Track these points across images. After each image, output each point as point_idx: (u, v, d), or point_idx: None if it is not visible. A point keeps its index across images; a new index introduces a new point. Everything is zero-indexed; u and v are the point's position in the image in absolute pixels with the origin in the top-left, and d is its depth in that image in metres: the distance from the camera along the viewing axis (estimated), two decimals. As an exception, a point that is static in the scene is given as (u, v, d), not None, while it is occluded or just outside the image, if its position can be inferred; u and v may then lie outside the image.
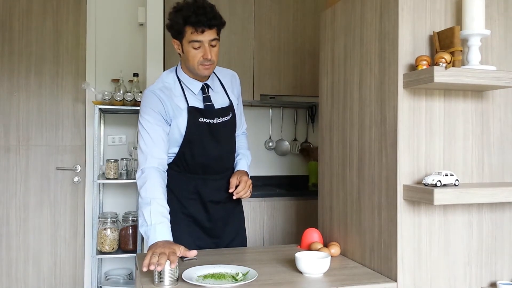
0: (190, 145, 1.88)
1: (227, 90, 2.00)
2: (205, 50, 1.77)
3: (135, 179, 1.79)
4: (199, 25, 1.73)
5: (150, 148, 1.78)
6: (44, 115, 3.33)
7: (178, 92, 1.88)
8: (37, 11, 3.31)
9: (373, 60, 1.63)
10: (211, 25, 1.75)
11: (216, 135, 1.92)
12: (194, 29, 1.74)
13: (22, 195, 3.28)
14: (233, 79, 2.07)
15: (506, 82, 1.43)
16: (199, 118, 1.87)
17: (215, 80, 1.99)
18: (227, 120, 1.95)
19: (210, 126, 1.90)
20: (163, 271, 1.38)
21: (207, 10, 1.75)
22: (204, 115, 1.88)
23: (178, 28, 1.78)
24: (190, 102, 1.87)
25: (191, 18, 1.72)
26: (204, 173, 1.95)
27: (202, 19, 1.72)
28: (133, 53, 3.47)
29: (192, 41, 1.76)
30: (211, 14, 1.75)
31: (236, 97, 2.05)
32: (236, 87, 2.07)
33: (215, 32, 1.79)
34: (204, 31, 1.75)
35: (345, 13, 1.83)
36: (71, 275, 3.36)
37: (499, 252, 1.61)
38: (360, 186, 1.70)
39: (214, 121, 1.90)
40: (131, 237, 3.07)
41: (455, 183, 1.41)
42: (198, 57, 1.79)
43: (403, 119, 1.48)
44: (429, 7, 1.52)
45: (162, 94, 1.85)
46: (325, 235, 1.97)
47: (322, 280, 1.48)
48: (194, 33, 1.75)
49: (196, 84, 1.90)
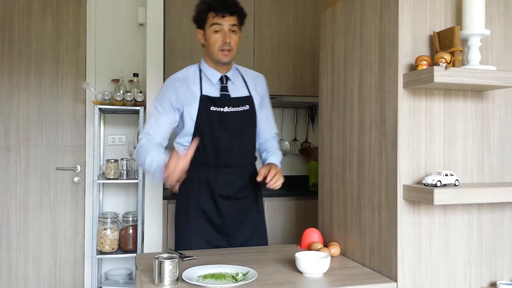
0: (200, 134, 1.94)
1: (249, 85, 2.07)
2: (224, 34, 1.91)
3: (135, 179, 1.83)
4: (220, 10, 1.90)
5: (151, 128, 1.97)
6: (44, 115, 3.33)
7: (196, 81, 1.99)
8: (37, 11, 3.32)
9: (373, 60, 1.63)
10: (231, 11, 1.91)
11: (226, 124, 1.95)
12: (215, 14, 1.90)
13: (22, 195, 3.28)
14: (258, 79, 2.14)
15: (506, 82, 1.43)
16: (210, 107, 1.94)
17: (237, 75, 2.07)
18: (243, 110, 1.99)
19: (220, 115, 1.95)
20: (163, 271, 1.38)
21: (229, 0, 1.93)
22: (216, 103, 1.95)
23: (202, 16, 1.95)
24: (205, 91, 1.97)
25: (213, 4, 1.91)
26: (215, 166, 1.96)
27: (223, 5, 1.90)
28: (133, 53, 3.47)
29: (213, 24, 1.91)
30: (233, 2, 1.93)
31: (260, 96, 2.09)
32: (260, 86, 2.11)
33: (235, 19, 1.93)
34: (224, 16, 1.90)
35: (345, 13, 1.83)
36: (71, 275, 3.36)
37: (499, 252, 1.61)
38: (360, 186, 1.70)
39: (224, 109, 1.95)
40: (131, 237, 3.07)
41: (455, 183, 1.41)
42: (218, 42, 1.92)
43: (403, 119, 1.48)
44: (429, 7, 1.52)
45: (178, 83, 1.98)
46: (325, 235, 1.97)
47: (322, 280, 1.48)
48: (215, 17, 1.91)
49: (216, 74, 2.00)
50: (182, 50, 3.12)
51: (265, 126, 2.14)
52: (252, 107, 2.03)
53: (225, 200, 1.98)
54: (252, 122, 2.04)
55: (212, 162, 1.96)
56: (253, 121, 2.04)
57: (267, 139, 2.15)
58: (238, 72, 2.08)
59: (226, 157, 1.97)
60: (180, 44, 3.12)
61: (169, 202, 2.97)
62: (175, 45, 3.11)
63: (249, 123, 2.03)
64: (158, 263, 1.39)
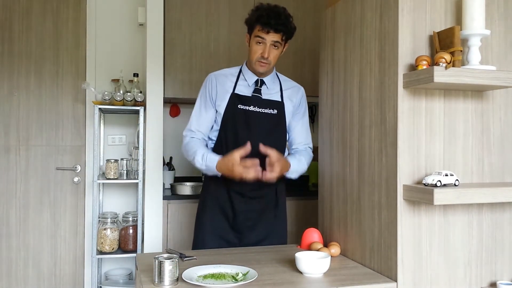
0: (225, 130, 2.02)
1: (284, 93, 2.10)
2: (264, 48, 1.96)
3: (135, 179, 1.82)
4: (267, 26, 1.92)
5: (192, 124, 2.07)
6: (44, 115, 3.33)
7: (233, 79, 2.07)
8: (37, 11, 3.31)
9: (373, 60, 1.63)
10: (277, 29, 1.93)
11: (249, 122, 1.99)
12: (262, 28, 1.93)
13: (22, 195, 3.28)
14: (295, 89, 2.16)
15: (506, 82, 1.43)
16: (238, 105, 2.01)
17: (275, 81, 2.12)
18: (270, 113, 2.02)
19: (246, 113, 1.99)
20: (163, 271, 1.38)
21: (281, 16, 1.94)
22: (244, 102, 2.01)
23: (250, 24, 1.99)
24: (237, 90, 2.04)
25: (263, 18, 1.92)
26: None
27: (271, 22, 1.91)
28: (133, 53, 3.47)
29: (257, 37, 1.96)
30: (281, 21, 1.93)
31: (293, 105, 2.11)
32: (296, 97, 2.13)
33: (279, 37, 1.95)
34: (269, 32, 1.93)
35: (345, 13, 1.83)
36: (71, 275, 3.36)
37: (499, 252, 1.61)
38: (360, 186, 1.70)
39: (250, 108, 2.00)
40: (131, 237, 3.07)
41: (455, 183, 1.41)
42: (257, 53, 1.97)
43: (403, 119, 1.48)
44: (429, 7, 1.52)
45: (215, 78, 2.07)
46: (325, 235, 1.97)
47: (322, 280, 1.48)
48: (260, 31, 1.94)
49: (253, 77, 2.06)
50: (182, 50, 3.12)
51: (299, 136, 2.14)
52: (281, 112, 2.05)
53: (239, 197, 2.01)
54: (278, 127, 2.05)
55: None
56: (280, 126, 2.06)
57: (298, 150, 2.13)
58: (277, 79, 2.13)
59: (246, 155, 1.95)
60: (180, 44, 3.12)
61: (169, 202, 2.97)
62: (175, 45, 3.11)
63: (275, 127, 2.04)
64: (158, 263, 1.39)
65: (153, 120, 3.02)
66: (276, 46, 1.97)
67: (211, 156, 1.94)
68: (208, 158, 1.94)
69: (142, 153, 3.06)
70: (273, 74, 2.11)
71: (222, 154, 1.97)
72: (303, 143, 2.16)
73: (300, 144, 2.15)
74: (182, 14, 3.12)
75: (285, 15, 1.95)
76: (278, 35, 1.94)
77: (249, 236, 2.03)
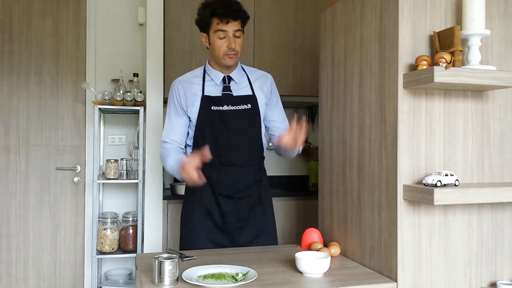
0: (202, 133, 1.99)
1: (253, 85, 2.07)
2: (229, 40, 1.93)
3: (135, 179, 1.82)
4: (224, 16, 1.90)
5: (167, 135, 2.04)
6: (44, 115, 3.33)
7: (199, 82, 2.03)
8: (37, 11, 3.31)
9: (373, 60, 1.63)
10: (235, 16, 1.92)
11: (226, 123, 1.97)
12: (220, 20, 1.91)
13: (22, 195, 3.28)
14: (263, 78, 2.13)
15: (506, 82, 1.43)
16: (211, 106, 1.98)
17: (242, 75, 2.08)
18: (244, 109, 1.99)
19: (220, 114, 1.97)
20: (163, 271, 1.38)
21: (232, 3, 1.94)
22: (216, 103, 1.98)
23: (206, 21, 1.96)
24: (207, 92, 2.00)
25: (218, 10, 1.91)
26: (218, 164, 1.97)
27: (227, 11, 1.91)
28: (133, 53, 3.47)
29: (217, 31, 1.93)
30: (236, 7, 1.94)
31: (265, 95, 2.09)
32: (266, 85, 2.11)
33: (239, 24, 1.95)
34: (229, 21, 1.91)
35: (345, 13, 1.83)
36: (71, 275, 3.36)
37: (499, 252, 1.61)
38: (360, 186, 1.70)
39: (223, 108, 1.97)
40: (131, 237, 3.07)
41: (455, 183, 1.41)
42: (223, 47, 1.94)
43: (403, 119, 1.48)
44: (429, 7, 1.52)
45: (181, 84, 2.04)
46: (325, 235, 1.97)
47: (322, 280, 1.48)
48: (219, 23, 1.92)
49: (219, 75, 2.03)
50: (182, 50, 3.12)
51: (279, 123, 2.11)
52: (255, 106, 2.03)
53: (226, 199, 1.99)
54: (254, 121, 2.03)
55: (214, 161, 1.96)
56: (256, 121, 2.04)
57: None
58: (243, 72, 2.10)
59: (228, 156, 1.98)
60: (180, 44, 3.12)
61: (169, 202, 2.97)
62: (175, 45, 3.11)
63: (251, 122, 2.03)
64: (158, 263, 1.39)
65: (153, 120, 3.02)
66: (238, 36, 1.95)
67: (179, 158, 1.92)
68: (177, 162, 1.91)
69: (142, 153, 3.06)
70: (239, 68, 2.08)
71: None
72: (284, 129, 2.07)
73: (282, 130, 2.06)
74: (182, 14, 3.12)
75: (235, 1, 1.95)
76: (237, 22, 1.93)
77: (241, 235, 2.00)
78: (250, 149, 2.03)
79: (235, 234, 2.00)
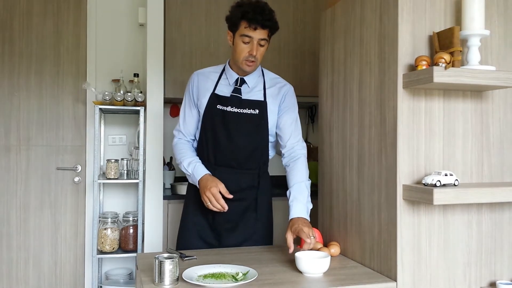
0: (205, 129, 1.99)
1: (267, 91, 2.01)
2: (252, 47, 1.89)
3: (136, 178, 1.82)
4: (254, 22, 1.85)
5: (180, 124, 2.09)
6: (44, 115, 3.33)
7: (215, 78, 2.03)
8: (37, 11, 3.32)
9: (373, 60, 1.63)
10: (264, 25, 1.87)
11: (228, 124, 1.95)
12: (248, 25, 1.86)
13: (22, 195, 3.28)
14: (279, 86, 2.04)
15: (505, 82, 1.43)
16: (217, 105, 1.97)
17: (259, 80, 2.03)
18: (250, 113, 1.95)
19: (224, 114, 1.96)
20: (163, 270, 1.38)
21: (265, 11, 1.87)
22: (222, 103, 1.97)
23: (234, 21, 1.91)
24: (218, 90, 1.99)
25: (249, 14, 1.85)
26: (215, 163, 1.98)
27: (258, 17, 1.85)
28: (133, 53, 3.47)
29: (243, 35, 1.88)
30: (268, 16, 1.87)
31: (277, 103, 2.00)
32: (279, 94, 2.01)
33: (266, 33, 1.90)
34: (257, 28, 1.86)
35: (345, 13, 1.84)
36: (71, 275, 3.36)
37: (499, 252, 1.61)
38: (360, 186, 1.71)
39: (227, 108, 1.96)
40: (132, 237, 3.08)
41: (454, 183, 1.42)
42: (245, 52, 1.90)
43: (402, 119, 1.48)
44: (429, 7, 1.52)
45: (197, 77, 2.05)
46: (325, 235, 1.97)
47: (322, 280, 1.48)
48: (247, 28, 1.87)
49: (234, 76, 2.00)
50: (182, 50, 3.12)
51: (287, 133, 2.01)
52: (263, 112, 1.97)
53: None
54: (259, 127, 1.98)
55: (212, 159, 1.99)
56: (261, 127, 1.98)
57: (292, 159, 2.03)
58: (261, 77, 2.04)
59: (225, 157, 1.97)
60: (180, 44, 3.12)
61: (169, 202, 2.98)
62: (175, 45, 3.12)
63: (256, 128, 1.97)
64: (158, 263, 1.39)
65: (153, 120, 3.02)
66: (262, 44, 1.90)
67: (200, 169, 1.94)
68: (196, 169, 1.94)
69: (143, 153, 3.06)
70: (258, 72, 2.02)
71: (203, 155, 2.00)
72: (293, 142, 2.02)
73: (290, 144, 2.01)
74: (182, 14, 3.12)
75: (269, 9, 1.89)
76: (265, 31, 1.88)
77: (229, 238, 1.98)
78: (250, 154, 1.99)
79: (224, 235, 1.98)
